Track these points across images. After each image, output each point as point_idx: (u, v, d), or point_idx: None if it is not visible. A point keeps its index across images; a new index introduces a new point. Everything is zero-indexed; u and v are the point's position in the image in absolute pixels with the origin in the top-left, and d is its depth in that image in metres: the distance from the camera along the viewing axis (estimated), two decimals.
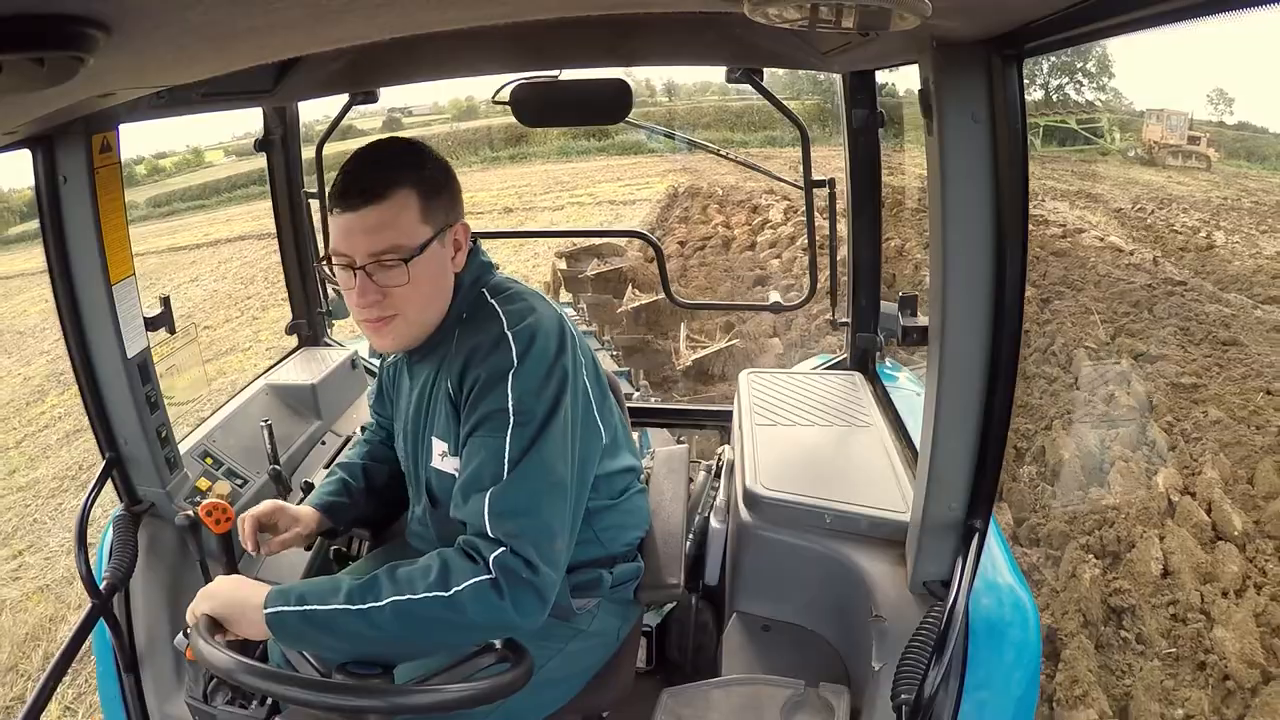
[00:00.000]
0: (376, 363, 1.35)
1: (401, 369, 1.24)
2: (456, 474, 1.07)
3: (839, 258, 1.97)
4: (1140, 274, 9.42)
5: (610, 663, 1.30)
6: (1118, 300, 8.33)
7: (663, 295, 7.38)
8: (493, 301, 1.10)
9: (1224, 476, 4.77)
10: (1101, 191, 16.70)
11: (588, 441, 1.13)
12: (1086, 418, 5.65)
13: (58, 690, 1.17)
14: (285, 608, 0.94)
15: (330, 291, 2.21)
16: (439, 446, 1.14)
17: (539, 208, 17.08)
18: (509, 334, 1.05)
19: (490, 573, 0.94)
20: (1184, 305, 8.24)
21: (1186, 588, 3.96)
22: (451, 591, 0.93)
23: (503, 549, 0.96)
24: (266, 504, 1.21)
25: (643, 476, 1.57)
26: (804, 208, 1.95)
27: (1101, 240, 11.16)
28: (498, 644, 1.00)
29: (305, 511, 1.25)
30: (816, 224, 1.98)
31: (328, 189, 1.08)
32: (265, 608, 0.94)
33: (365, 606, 0.92)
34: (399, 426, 1.26)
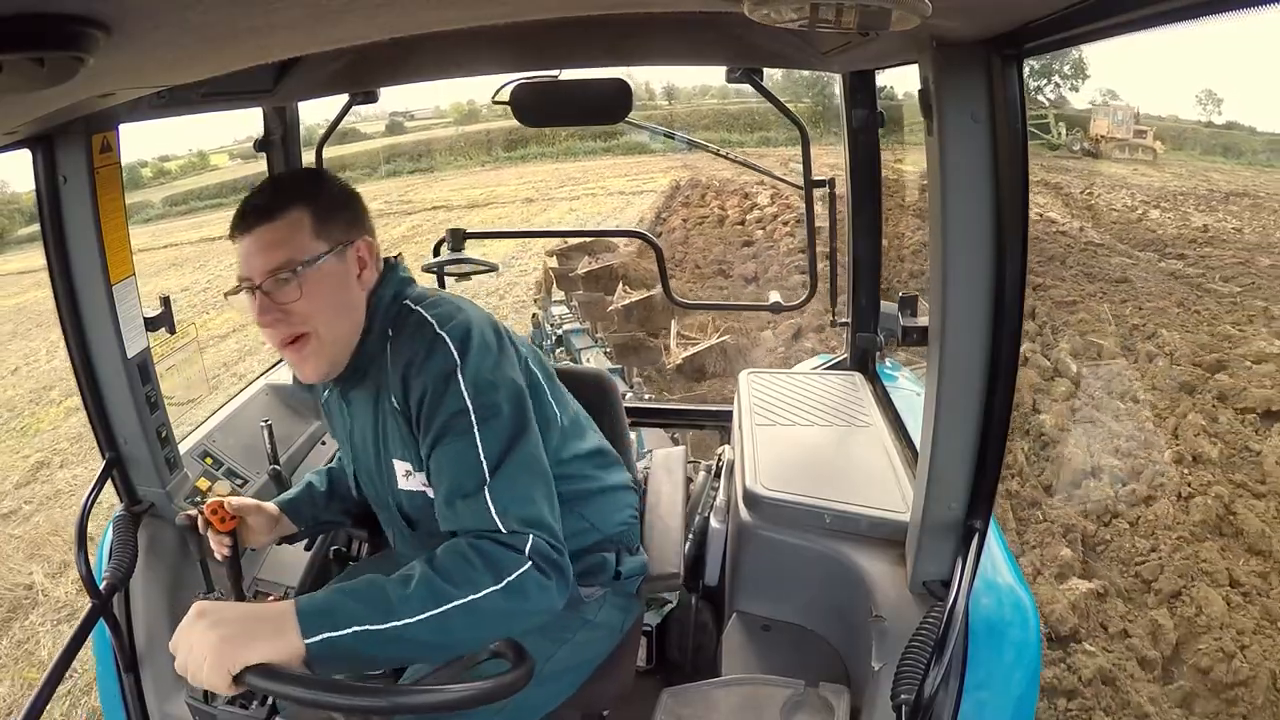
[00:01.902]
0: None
1: (336, 403, 1.22)
2: (426, 490, 1.09)
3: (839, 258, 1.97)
4: (1064, 238, 11.61)
5: (613, 655, 1.30)
6: (1036, 256, 9.98)
7: (654, 292, 7.40)
8: (418, 309, 1.09)
9: (1073, 347, 7.08)
10: (1063, 181, 17.84)
11: (548, 422, 1.17)
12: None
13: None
14: (333, 633, 0.87)
15: None
16: (401, 468, 1.14)
17: (557, 198, 17.94)
18: (442, 333, 1.04)
19: (530, 559, 0.96)
20: (1094, 259, 10.61)
21: (1025, 404, 6.03)
22: (505, 583, 0.94)
23: (530, 536, 0.97)
24: (248, 502, 1.22)
25: (639, 476, 1.57)
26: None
27: (1040, 216, 12.96)
28: (495, 644, 1.00)
29: (268, 507, 1.26)
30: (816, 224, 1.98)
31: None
32: (306, 637, 0.86)
33: (432, 614, 0.91)
34: (348, 461, 1.26)
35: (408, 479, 1.14)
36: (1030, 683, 1.14)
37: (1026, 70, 0.88)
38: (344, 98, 1.85)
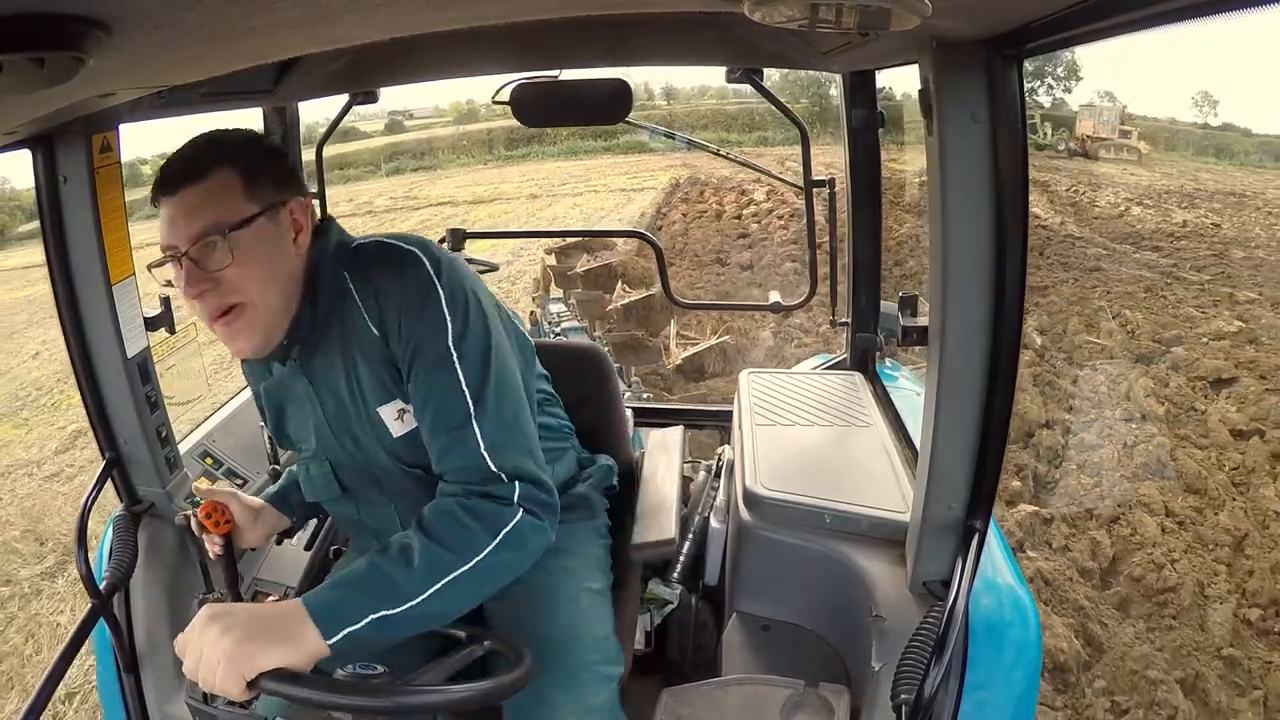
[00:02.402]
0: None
1: (291, 384, 1.13)
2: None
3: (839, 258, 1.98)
4: (1044, 231, 12.11)
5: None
6: None
7: (653, 291, 7.42)
8: (371, 241, 1.06)
9: (1040, 324, 7.59)
10: (1050, 180, 18.24)
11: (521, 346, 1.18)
12: None
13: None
14: (353, 628, 0.88)
15: None
16: (390, 412, 1.06)
17: (560, 195, 18.25)
18: (411, 248, 1.02)
19: (521, 506, 0.98)
20: (1071, 250, 11.16)
21: None
22: (501, 536, 0.95)
23: (517, 485, 0.98)
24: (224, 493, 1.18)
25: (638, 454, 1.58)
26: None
27: None
28: (491, 642, 1.00)
29: (256, 504, 1.22)
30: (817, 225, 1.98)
31: (328, 190, 1.08)
32: (328, 637, 0.87)
33: (440, 586, 0.92)
34: (313, 441, 1.15)
35: (401, 420, 1.07)
36: (1030, 682, 1.14)
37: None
38: (344, 98, 1.85)
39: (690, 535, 1.64)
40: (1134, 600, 3.87)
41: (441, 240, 2.17)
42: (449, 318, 0.99)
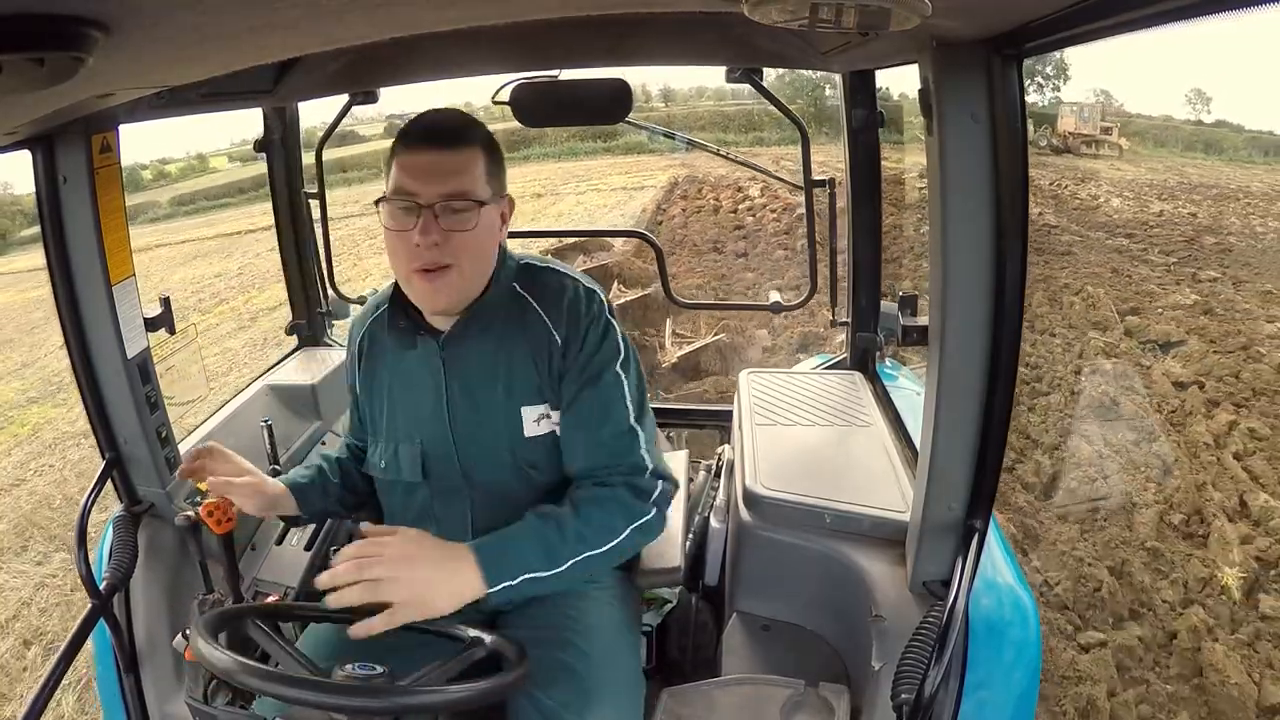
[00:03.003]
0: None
1: (413, 362, 1.19)
2: (555, 430, 1.16)
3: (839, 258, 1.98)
4: None
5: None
6: None
7: (649, 291, 7.41)
8: (548, 266, 1.20)
9: None
10: (1034, 175, 19.67)
11: None
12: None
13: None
14: (510, 582, 1.00)
15: (330, 292, 2.21)
16: (532, 414, 1.16)
17: (564, 193, 18.87)
18: (594, 289, 1.18)
19: (655, 505, 1.12)
20: (1048, 237, 11.63)
21: None
22: (637, 524, 1.10)
23: (659, 484, 1.13)
24: (210, 447, 1.21)
25: None
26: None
27: None
28: (491, 640, 1.00)
29: (270, 481, 1.22)
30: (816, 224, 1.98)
31: (327, 190, 1.10)
32: (490, 585, 0.99)
33: (581, 559, 1.05)
34: (417, 425, 1.20)
35: (539, 424, 1.16)
36: (1030, 682, 1.14)
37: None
38: (344, 98, 1.85)
39: (690, 535, 1.64)
40: (1069, 506, 4.54)
41: None
42: (621, 349, 1.15)
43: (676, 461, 1.69)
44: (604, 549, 1.07)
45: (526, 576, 1.01)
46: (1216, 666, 3.42)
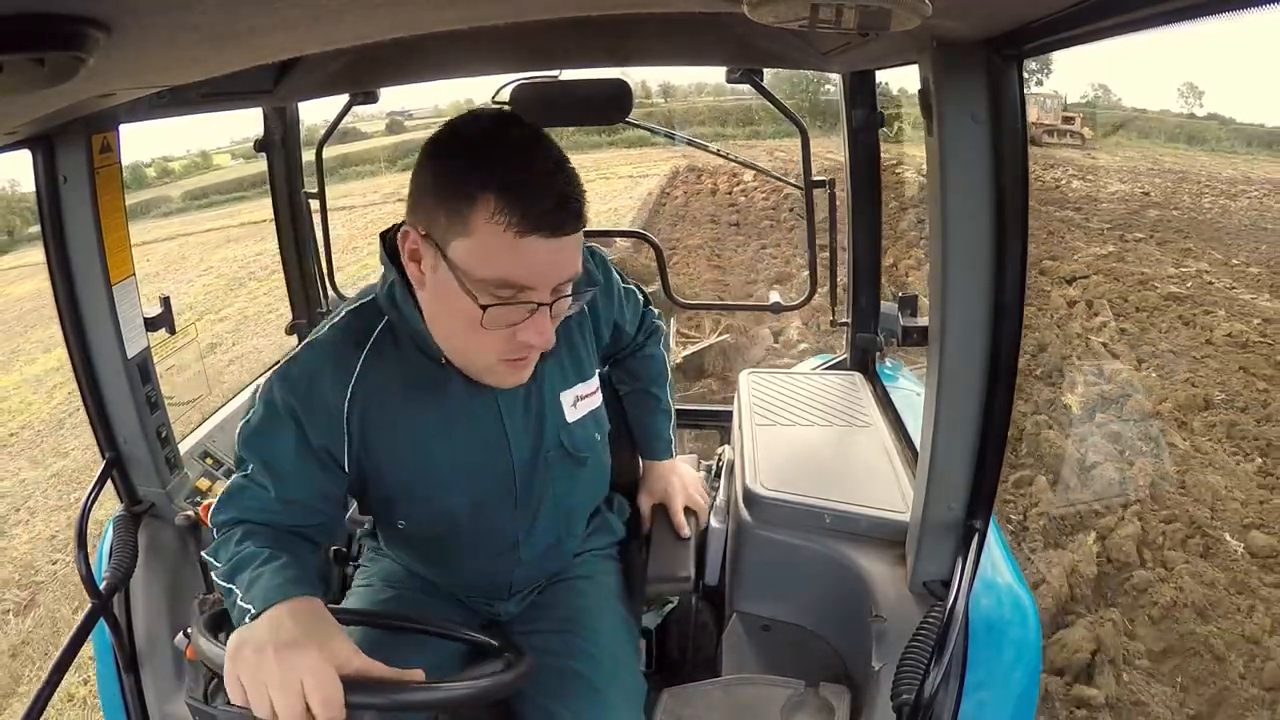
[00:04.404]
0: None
1: (457, 398, 1.01)
2: (593, 409, 1.16)
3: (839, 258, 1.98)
4: None
5: None
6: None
7: (651, 290, 7.49)
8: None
9: None
10: None
11: None
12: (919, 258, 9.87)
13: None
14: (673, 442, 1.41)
15: (331, 292, 2.21)
16: (570, 398, 1.10)
17: None
18: (586, 246, 1.12)
19: (655, 317, 1.37)
20: None
21: (899, 275, 8.51)
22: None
23: (648, 306, 1.35)
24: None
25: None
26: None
27: None
28: (495, 642, 1.00)
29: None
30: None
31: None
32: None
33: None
34: (468, 463, 1.04)
35: (577, 406, 1.11)
36: (1030, 682, 1.14)
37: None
38: (344, 97, 1.85)
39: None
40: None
41: None
42: (620, 280, 1.25)
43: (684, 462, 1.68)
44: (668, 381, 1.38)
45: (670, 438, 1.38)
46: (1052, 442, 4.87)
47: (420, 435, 1.02)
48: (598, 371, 1.18)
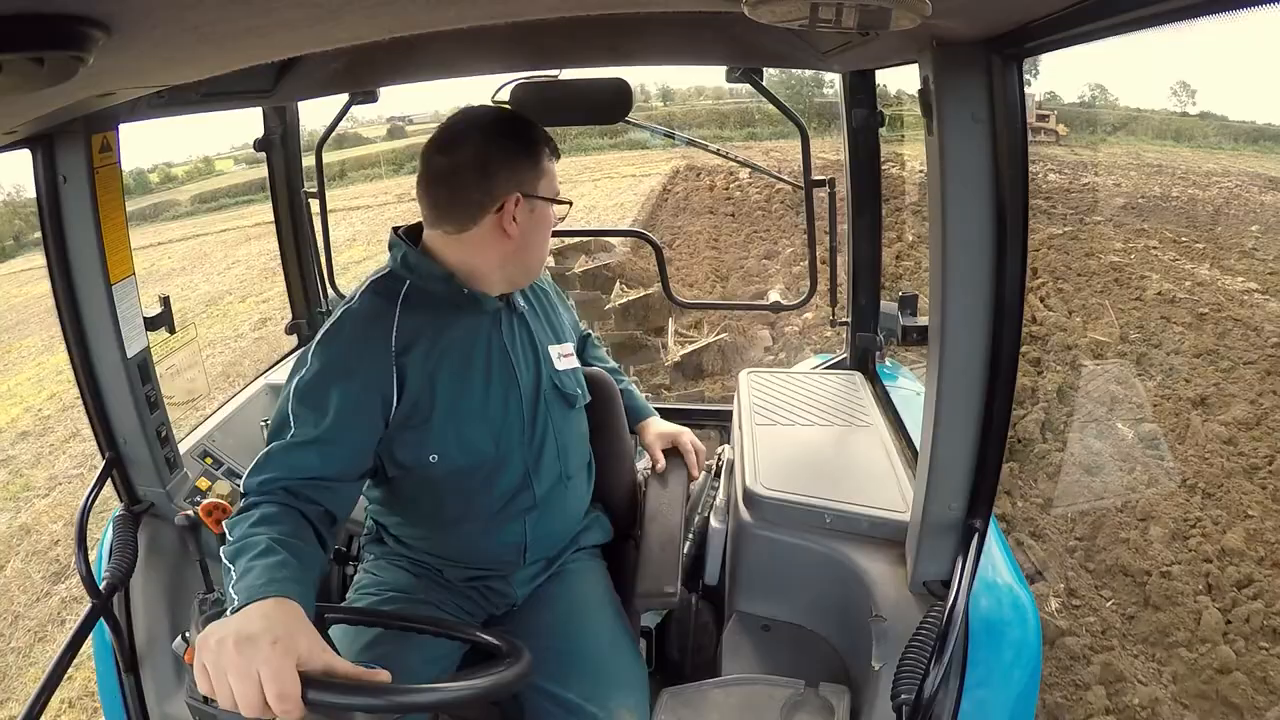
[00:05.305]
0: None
1: (486, 328, 1.24)
2: (573, 361, 1.38)
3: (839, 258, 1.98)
4: None
5: None
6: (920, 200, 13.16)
7: (651, 291, 7.47)
8: None
9: (919, 235, 9.27)
10: None
11: None
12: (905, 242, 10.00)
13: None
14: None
15: (330, 291, 2.21)
16: (560, 350, 1.35)
17: (579, 181, 20.64)
18: None
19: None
20: None
21: (889, 268, 8.16)
22: None
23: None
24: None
25: (639, 477, 1.57)
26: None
27: None
28: (497, 642, 1.00)
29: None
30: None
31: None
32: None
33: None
34: (486, 396, 1.22)
35: (560, 361, 1.33)
36: (1030, 681, 1.14)
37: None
38: (344, 98, 1.85)
39: (690, 535, 1.63)
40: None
41: None
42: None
43: (675, 464, 1.68)
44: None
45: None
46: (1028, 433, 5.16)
47: (453, 368, 1.20)
48: (574, 352, 1.42)
